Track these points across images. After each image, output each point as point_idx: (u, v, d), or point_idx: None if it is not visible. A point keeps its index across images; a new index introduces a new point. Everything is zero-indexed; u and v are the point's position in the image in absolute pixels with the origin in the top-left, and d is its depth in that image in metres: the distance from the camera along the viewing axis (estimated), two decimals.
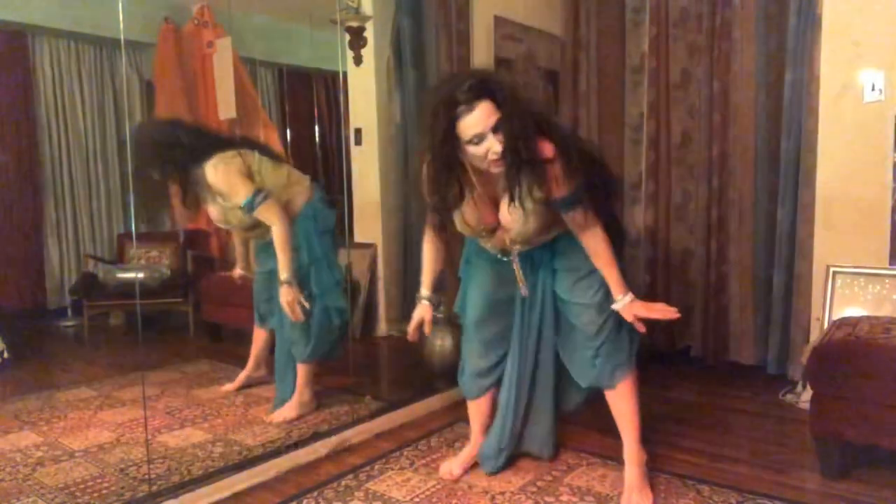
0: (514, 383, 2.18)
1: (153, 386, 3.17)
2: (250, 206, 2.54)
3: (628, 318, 1.92)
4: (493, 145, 1.70)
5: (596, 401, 2.17)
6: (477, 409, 2.30)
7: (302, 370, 2.78)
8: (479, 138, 1.70)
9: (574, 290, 2.05)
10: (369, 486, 2.16)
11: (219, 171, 2.53)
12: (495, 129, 1.70)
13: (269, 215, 2.56)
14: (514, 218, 1.89)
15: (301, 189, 2.70)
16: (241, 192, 2.54)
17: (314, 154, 4.43)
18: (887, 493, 2.05)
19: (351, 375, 3.00)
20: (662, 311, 1.87)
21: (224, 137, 2.82)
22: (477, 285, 2.20)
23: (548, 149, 1.79)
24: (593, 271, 1.99)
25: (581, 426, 2.52)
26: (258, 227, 2.65)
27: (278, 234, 2.55)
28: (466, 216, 1.93)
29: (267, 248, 2.69)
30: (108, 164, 4.49)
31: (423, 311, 2.13)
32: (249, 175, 2.58)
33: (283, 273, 2.55)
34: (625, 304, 1.92)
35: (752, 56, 3.24)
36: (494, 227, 1.97)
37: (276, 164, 2.70)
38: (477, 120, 1.68)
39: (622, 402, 2.07)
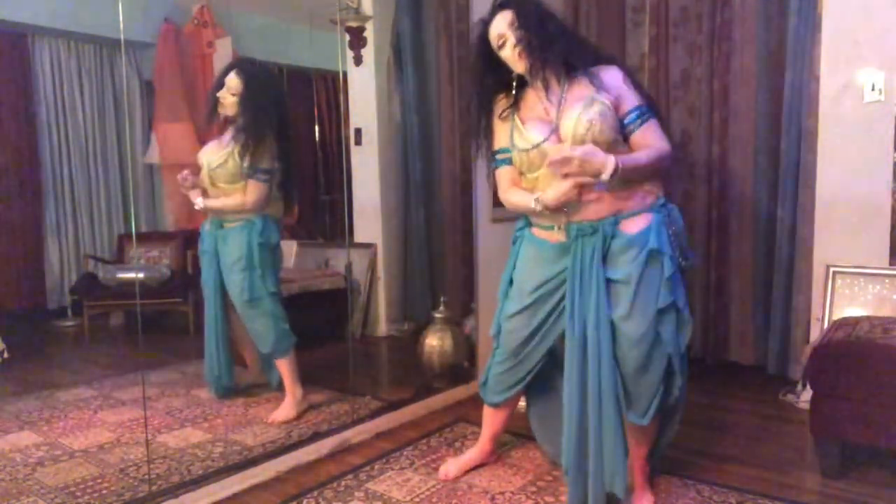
0: (570, 407, 1.93)
1: (153, 386, 3.17)
2: (252, 173, 2.70)
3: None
4: (511, 39, 1.87)
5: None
6: (491, 417, 2.25)
7: (283, 369, 2.81)
8: (502, 39, 1.90)
9: (626, 307, 1.83)
10: (369, 486, 2.16)
11: (269, 140, 2.73)
12: (515, 28, 1.88)
13: (254, 193, 2.71)
14: (568, 116, 1.81)
15: (270, 211, 2.82)
16: (263, 161, 2.71)
17: (314, 154, 4.42)
18: (887, 493, 2.05)
19: (351, 375, 3.00)
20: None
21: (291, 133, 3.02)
22: (514, 309, 2.03)
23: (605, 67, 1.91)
24: (650, 289, 1.82)
25: None
26: (223, 191, 2.74)
27: (238, 205, 2.73)
28: (526, 130, 1.91)
29: (202, 254, 2.90)
30: (108, 164, 4.48)
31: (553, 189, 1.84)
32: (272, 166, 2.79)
33: (201, 202, 2.75)
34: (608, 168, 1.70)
35: (752, 56, 3.24)
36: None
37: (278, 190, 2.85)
38: (497, 25, 1.91)
39: (647, 427, 1.98)
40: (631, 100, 1.87)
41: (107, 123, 4.48)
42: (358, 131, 4.17)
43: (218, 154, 2.75)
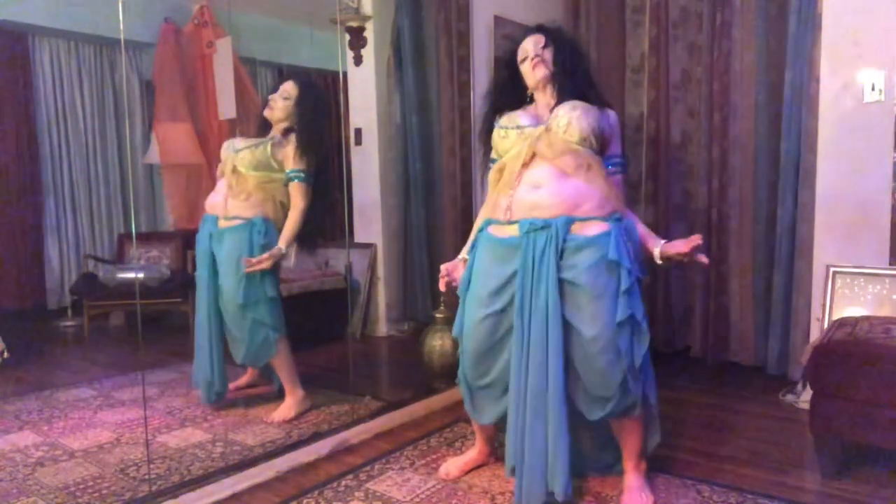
0: (517, 405, 1.92)
1: (153, 386, 3.17)
2: (304, 177, 2.74)
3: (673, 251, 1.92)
4: (531, 53, 2.02)
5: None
6: (480, 427, 2.23)
7: (279, 370, 2.79)
8: (524, 54, 2.04)
9: (586, 312, 1.83)
10: (369, 486, 2.16)
11: (315, 145, 2.79)
12: (541, 48, 2.03)
13: (307, 197, 2.75)
14: (557, 114, 1.94)
15: (271, 212, 2.78)
16: (310, 164, 2.75)
17: None
18: (887, 493, 2.05)
19: (351, 375, 3.00)
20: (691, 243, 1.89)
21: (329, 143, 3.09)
22: (480, 315, 1.98)
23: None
24: (606, 292, 1.83)
25: None
26: (241, 177, 2.72)
27: (298, 215, 2.74)
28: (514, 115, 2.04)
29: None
30: (108, 164, 4.48)
31: (455, 265, 2.14)
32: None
33: (282, 242, 2.71)
34: (661, 248, 1.94)
35: (752, 56, 3.24)
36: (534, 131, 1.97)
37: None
38: (528, 43, 2.06)
39: (629, 425, 1.98)
40: (618, 145, 2.06)
41: (107, 123, 4.48)
42: (358, 131, 4.17)
43: (248, 141, 2.78)
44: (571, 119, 1.90)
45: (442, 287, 2.14)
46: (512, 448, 1.92)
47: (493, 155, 2.08)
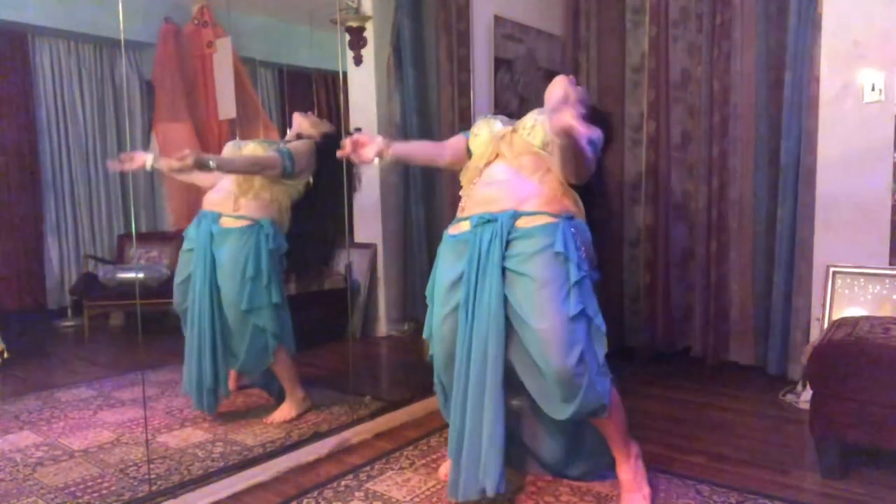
0: (455, 399, 1.93)
1: (153, 386, 3.17)
2: (282, 150, 2.70)
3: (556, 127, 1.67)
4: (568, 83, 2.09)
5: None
6: None
7: (280, 372, 2.76)
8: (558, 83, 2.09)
9: (533, 303, 1.80)
10: (369, 486, 2.16)
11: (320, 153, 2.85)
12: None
13: (270, 156, 2.66)
14: (525, 118, 2.00)
15: (280, 217, 2.75)
16: (299, 157, 2.74)
17: None
18: (887, 493, 2.05)
19: (351, 375, 2.99)
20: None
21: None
22: (441, 314, 2.00)
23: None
24: (553, 283, 1.80)
25: None
26: (248, 176, 2.69)
27: (248, 160, 2.65)
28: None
29: (187, 253, 2.74)
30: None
31: (372, 138, 2.06)
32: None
33: (215, 158, 2.51)
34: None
35: (752, 56, 3.24)
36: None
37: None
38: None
39: (603, 421, 1.94)
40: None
41: (107, 123, 4.48)
42: (358, 131, 4.17)
43: (260, 142, 2.80)
44: (537, 122, 1.95)
45: (347, 150, 2.06)
46: (451, 439, 1.92)
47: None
